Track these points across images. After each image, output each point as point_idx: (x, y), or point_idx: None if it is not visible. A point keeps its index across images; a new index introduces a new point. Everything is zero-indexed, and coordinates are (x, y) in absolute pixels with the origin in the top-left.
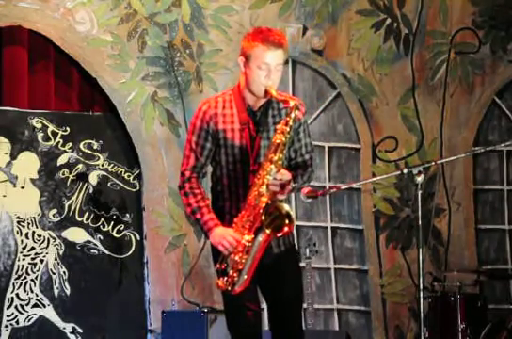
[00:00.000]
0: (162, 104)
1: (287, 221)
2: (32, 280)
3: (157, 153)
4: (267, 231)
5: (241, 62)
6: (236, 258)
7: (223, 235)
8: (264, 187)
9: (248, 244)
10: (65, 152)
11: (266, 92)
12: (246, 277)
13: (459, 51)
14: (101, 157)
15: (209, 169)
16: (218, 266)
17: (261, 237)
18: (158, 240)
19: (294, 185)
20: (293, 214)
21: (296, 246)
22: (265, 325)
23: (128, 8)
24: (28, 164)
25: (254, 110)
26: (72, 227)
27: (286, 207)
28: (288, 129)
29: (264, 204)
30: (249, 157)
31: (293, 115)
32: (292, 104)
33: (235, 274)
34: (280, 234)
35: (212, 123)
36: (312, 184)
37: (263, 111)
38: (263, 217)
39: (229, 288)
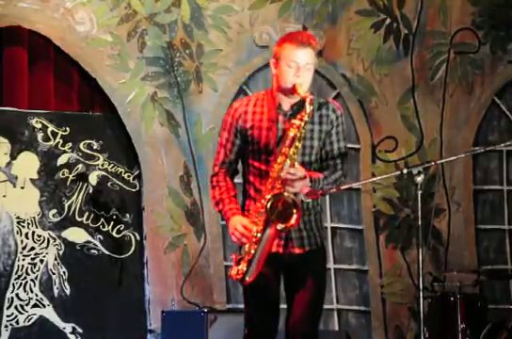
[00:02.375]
0: (162, 104)
1: (294, 211)
2: (32, 280)
3: (157, 153)
4: (274, 223)
5: (272, 64)
6: (246, 248)
7: (235, 225)
8: (279, 181)
9: (256, 234)
10: (65, 152)
11: (293, 89)
12: (255, 267)
13: (459, 51)
14: (101, 157)
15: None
16: (235, 256)
17: (269, 231)
18: (158, 240)
19: (313, 186)
20: (298, 203)
21: None
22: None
23: (128, 8)
24: (28, 164)
25: (285, 110)
26: (72, 227)
27: (291, 197)
28: (303, 124)
29: (268, 197)
30: (275, 155)
31: (308, 110)
32: (308, 99)
33: (245, 264)
34: (288, 225)
35: (241, 121)
36: None
37: (293, 111)
38: (268, 209)
39: (239, 277)
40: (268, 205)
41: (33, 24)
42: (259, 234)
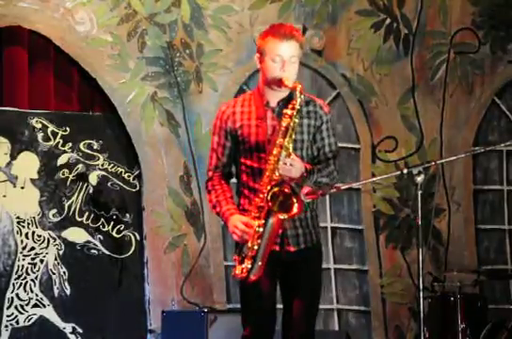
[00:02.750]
0: (162, 104)
1: (295, 200)
2: (32, 280)
3: (157, 153)
4: (276, 213)
5: (257, 59)
6: (249, 244)
7: (235, 223)
8: (276, 173)
9: (258, 229)
10: (65, 152)
11: (281, 82)
12: (260, 264)
13: (459, 51)
14: (101, 157)
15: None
16: (237, 256)
17: (271, 221)
18: (158, 240)
19: (309, 177)
20: (300, 192)
21: None
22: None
23: (128, 8)
24: (28, 164)
25: (272, 106)
26: (72, 227)
27: (291, 187)
28: (295, 113)
29: (268, 188)
30: (266, 152)
31: (299, 100)
32: (298, 88)
33: (249, 261)
34: (291, 215)
35: (230, 122)
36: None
37: (281, 106)
38: (268, 200)
39: (244, 276)
40: (269, 196)
41: (33, 24)
42: (261, 229)
